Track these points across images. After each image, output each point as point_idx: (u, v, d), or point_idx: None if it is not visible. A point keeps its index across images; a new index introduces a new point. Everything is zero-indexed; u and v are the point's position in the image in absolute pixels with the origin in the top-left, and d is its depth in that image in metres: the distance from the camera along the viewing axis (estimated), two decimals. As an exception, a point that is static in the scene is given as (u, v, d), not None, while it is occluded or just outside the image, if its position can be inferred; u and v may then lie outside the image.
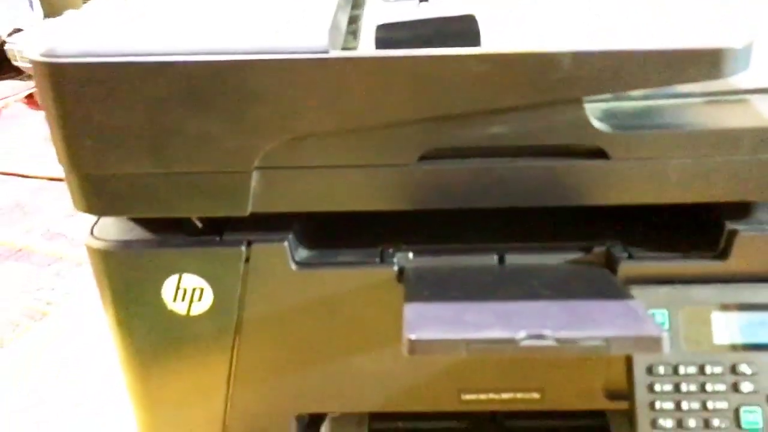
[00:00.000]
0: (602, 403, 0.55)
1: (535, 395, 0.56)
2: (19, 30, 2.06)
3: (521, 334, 0.38)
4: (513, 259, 0.52)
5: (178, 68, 0.43)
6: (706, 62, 0.42)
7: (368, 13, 0.59)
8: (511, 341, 0.38)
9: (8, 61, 1.96)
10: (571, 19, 0.50)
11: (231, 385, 0.55)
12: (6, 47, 1.96)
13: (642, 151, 0.46)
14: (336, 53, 0.43)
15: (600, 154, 0.46)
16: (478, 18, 0.48)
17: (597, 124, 0.45)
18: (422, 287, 0.48)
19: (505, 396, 0.56)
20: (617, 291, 0.45)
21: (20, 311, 1.01)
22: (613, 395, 0.54)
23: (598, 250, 0.51)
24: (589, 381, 0.54)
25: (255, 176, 0.46)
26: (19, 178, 1.50)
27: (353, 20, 0.58)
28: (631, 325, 0.39)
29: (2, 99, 1.90)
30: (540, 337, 0.38)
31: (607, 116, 0.47)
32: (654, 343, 0.38)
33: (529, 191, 0.47)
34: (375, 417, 0.66)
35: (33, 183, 1.47)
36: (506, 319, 0.41)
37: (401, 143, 0.46)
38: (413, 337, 0.39)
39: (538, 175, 0.47)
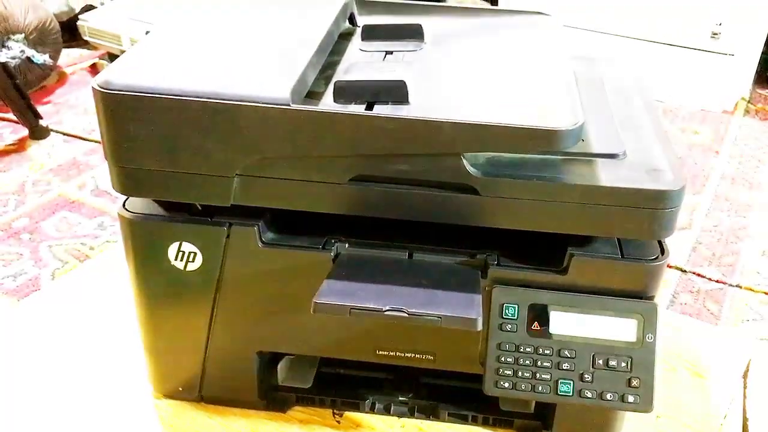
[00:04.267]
0: (477, 368, 0.74)
1: (430, 357, 0.75)
2: (90, 7, 2.30)
3: (386, 307, 0.58)
4: (419, 256, 0.71)
5: (186, 104, 0.63)
6: (545, 138, 0.61)
7: (344, 61, 0.78)
8: (379, 311, 0.58)
9: (79, 33, 2.20)
10: (470, 91, 0.69)
11: (211, 323, 0.76)
12: (78, 23, 2.20)
13: (503, 192, 0.64)
14: (295, 106, 0.62)
15: (472, 191, 0.65)
16: (409, 83, 0.67)
17: (470, 169, 0.64)
18: (344, 269, 0.68)
19: (408, 355, 0.76)
20: (473, 287, 0.65)
21: (68, 252, 1.24)
22: (483, 363, 0.73)
23: (480, 257, 0.70)
24: (468, 351, 0.73)
25: (236, 180, 0.67)
26: (78, 139, 1.74)
27: (331, 65, 0.77)
28: (461, 310, 0.59)
29: (70, 66, 2.15)
30: (399, 310, 0.58)
31: (488, 163, 0.66)
32: (471, 322, 0.58)
33: (424, 211, 0.66)
34: (324, 362, 0.87)
35: (89, 145, 1.70)
36: (385, 296, 0.61)
37: (338, 168, 0.65)
38: (317, 300, 0.59)
39: (429, 200, 0.66)
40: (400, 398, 0.83)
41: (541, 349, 0.68)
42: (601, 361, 0.67)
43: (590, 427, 0.78)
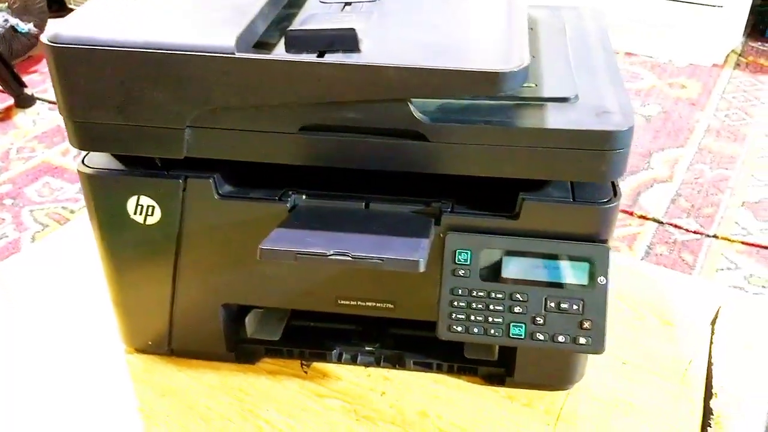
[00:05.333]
0: (436, 316, 0.74)
1: (390, 306, 0.76)
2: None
3: (330, 252, 0.59)
4: (375, 206, 0.72)
5: (135, 55, 0.63)
6: (487, 80, 0.60)
7: (302, 13, 0.78)
8: (323, 255, 0.59)
9: (66, 2, 2.19)
10: (423, 38, 0.68)
11: (175, 277, 0.77)
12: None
13: (452, 137, 0.65)
14: (240, 54, 0.62)
15: (422, 137, 0.65)
16: (363, 32, 0.67)
17: (418, 115, 0.63)
18: (298, 218, 0.68)
19: (369, 304, 0.76)
20: (423, 233, 0.65)
21: (49, 216, 1.26)
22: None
23: (435, 205, 0.71)
24: (427, 299, 0.73)
25: (187, 132, 0.67)
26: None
27: (288, 18, 0.77)
28: (404, 253, 0.59)
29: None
30: (343, 254, 0.59)
31: (439, 110, 0.66)
32: (413, 264, 0.58)
33: (375, 159, 0.67)
34: (294, 315, 0.88)
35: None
36: (332, 242, 0.61)
37: (287, 118, 0.66)
38: (262, 246, 0.60)
39: (380, 148, 0.66)
40: (367, 348, 0.84)
41: (493, 294, 0.68)
42: (552, 304, 0.68)
43: (551, 373, 0.79)
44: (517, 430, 0.76)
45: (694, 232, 1.12)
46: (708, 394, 0.82)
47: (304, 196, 0.72)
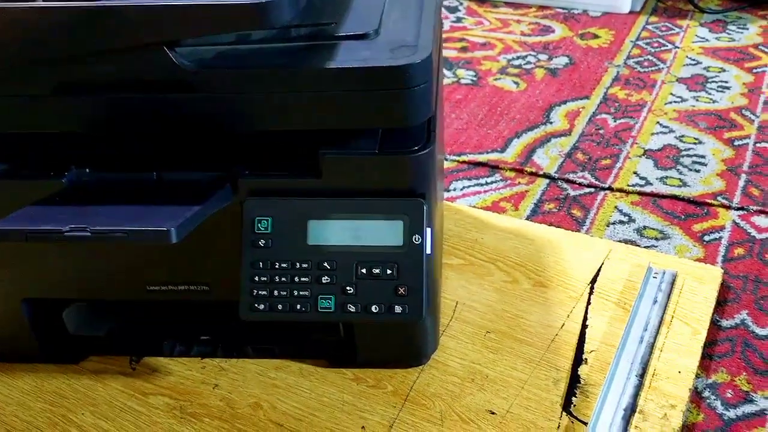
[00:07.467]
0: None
1: (205, 288, 0.67)
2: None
3: (66, 228, 0.50)
4: (170, 176, 0.63)
5: None
6: (245, 12, 0.51)
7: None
8: (58, 232, 0.50)
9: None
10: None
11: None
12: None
13: (223, 86, 0.55)
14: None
15: (187, 87, 0.55)
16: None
17: (179, 62, 0.54)
18: (67, 195, 0.59)
19: (181, 288, 0.68)
20: (197, 200, 0.56)
21: None
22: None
23: (234, 170, 0.62)
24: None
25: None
26: None
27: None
28: (156, 223, 0.50)
29: None
30: (81, 230, 0.50)
31: (217, 57, 0.57)
32: (163, 235, 0.49)
33: (141, 118, 0.58)
34: (124, 308, 0.78)
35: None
36: (78, 217, 0.52)
37: (34, 78, 0.56)
38: (-9, 228, 0.51)
39: (145, 104, 0.57)
40: (203, 338, 0.76)
41: (298, 264, 0.60)
42: (364, 271, 0.59)
43: (398, 348, 0.71)
44: (360, 415, 0.68)
45: (588, 186, 1.04)
46: (577, 361, 0.74)
47: (87, 170, 0.63)
